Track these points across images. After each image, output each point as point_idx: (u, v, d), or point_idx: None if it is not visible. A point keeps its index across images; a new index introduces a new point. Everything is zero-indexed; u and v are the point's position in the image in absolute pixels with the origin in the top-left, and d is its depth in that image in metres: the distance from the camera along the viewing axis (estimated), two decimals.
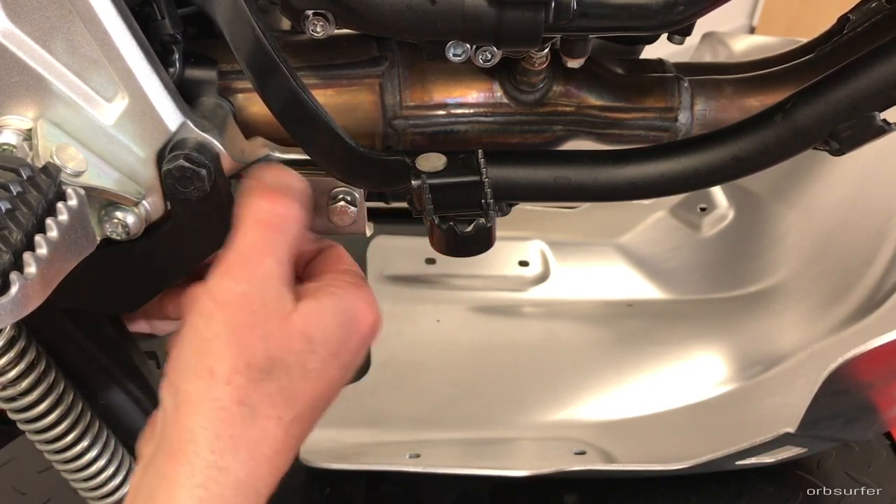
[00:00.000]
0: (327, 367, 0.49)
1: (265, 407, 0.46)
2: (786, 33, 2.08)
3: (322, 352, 0.49)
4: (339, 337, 0.50)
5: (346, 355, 0.51)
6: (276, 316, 0.48)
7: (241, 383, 0.46)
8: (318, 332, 0.49)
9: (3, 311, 0.38)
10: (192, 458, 0.44)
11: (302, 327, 0.48)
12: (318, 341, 0.49)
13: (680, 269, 1.11)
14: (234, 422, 0.45)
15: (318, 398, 0.49)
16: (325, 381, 0.49)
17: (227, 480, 0.44)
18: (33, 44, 0.46)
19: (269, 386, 0.47)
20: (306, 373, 0.48)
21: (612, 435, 0.92)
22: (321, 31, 0.49)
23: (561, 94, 0.59)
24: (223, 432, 0.45)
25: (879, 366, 0.73)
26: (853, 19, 0.61)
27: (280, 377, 0.47)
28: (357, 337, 0.51)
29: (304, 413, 0.48)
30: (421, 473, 0.85)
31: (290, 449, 0.48)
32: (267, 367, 0.47)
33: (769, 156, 0.54)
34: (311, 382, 0.49)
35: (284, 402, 0.47)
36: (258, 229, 0.49)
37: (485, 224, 0.51)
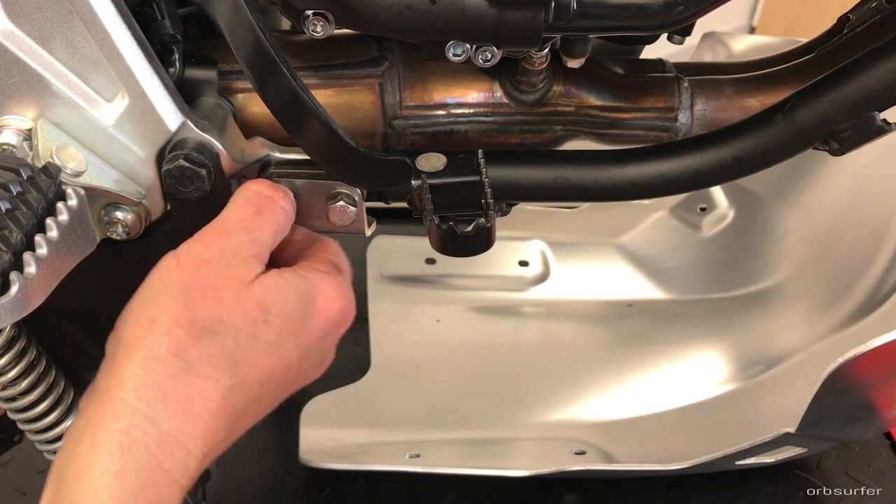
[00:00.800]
0: (282, 342, 0.48)
1: (202, 365, 0.45)
2: (786, 33, 2.09)
3: (277, 324, 0.48)
4: (299, 314, 0.49)
5: (306, 336, 0.49)
6: (235, 281, 0.47)
7: (180, 336, 0.45)
8: (276, 304, 0.48)
9: (4, 311, 0.38)
10: (117, 404, 0.43)
11: (260, 296, 0.47)
12: (275, 313, 0.48)
13: (680, 269, 1.11)
14: (167, 373, 0.44)
15: (268, 372, 0.48)
16: (279, 356, 0.48)
17: (152, 430, 0.43)
18: (33, 44, 0.46)
19: (211, 345, 0.45)
20: (256, 342, 0.47)
21: (612, 435, 0.92)
22: (321, 31, 0.49)
23: (561, 94, 0.59)
24: (153, 381, 0.44)
25: (879, 366, 0.73)
26: (853, 19, 0.61)
27: (225, 339, 0.46)
28: (320, 320, 0.50)
29: (248, 383, 0.47)
30: (421, 473, 0.85)
31: (229, 415, 0.46)
32: (212, 326, 0.46)
33: (769, 156, 0.54)
34: (260, 354, 0.47)
35: (226, 365, 0.46)
36: (244, 208, 0.50)
37: (485, 224, 0.51)
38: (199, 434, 0.44)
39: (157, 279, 0.47)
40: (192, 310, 0.46)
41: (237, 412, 0.47)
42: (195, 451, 0.44)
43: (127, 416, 0.43)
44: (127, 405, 0.43)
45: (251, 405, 0.48)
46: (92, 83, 0.48)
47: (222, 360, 0.46)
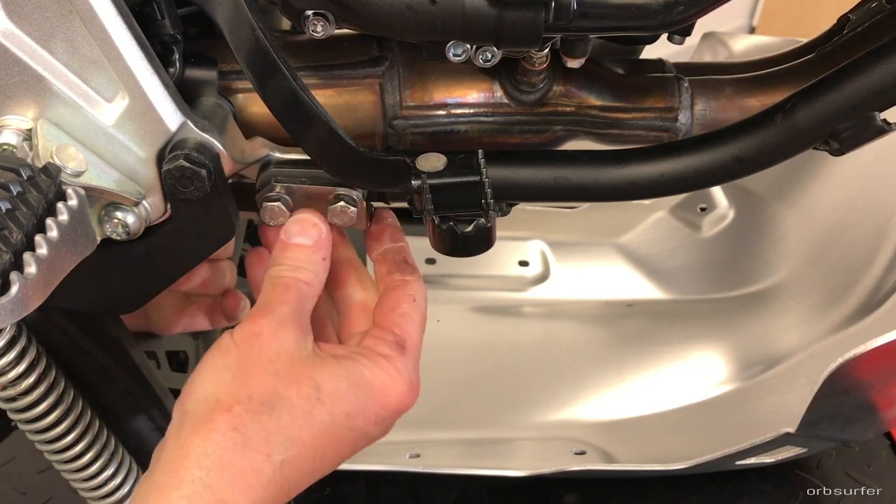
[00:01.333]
0: (336, 423, 0.50)
1: (258, 440, 0.48)
2: (786, 33, 2.08)
3: (330, 405, 0.50)
4: (353, 398, 0.50)
5: (362, 420, 0.51)
6: (287, 355, 0.50)
7: (239, 412, 0.48)
8: (329, 383, 0.50)
9: (4, 311, 0.38)
10: (181, 472, 0.46)
11: (311, 372, 0.50)
12: (327, 392, 0.50)
13: (680, 269, 1.11)
14: (226, 446, 0.47)
15: (319, 450, 0.50)
16: (333, 437, 0.50)
17: (210, 497, 0.46)
18: (33, 44, 0.46)
19: (268, 421, 0.48)
20: (311, 420, 0.49)
21: (612, 435, 0.92)
22: (321, 31, 0.49)
23: (561, 94, 0.59)
24: (213, 452, 0.47)
25: (879, 366, 0.73)
26: (853, 19, 0.61)
27: (282, 415, 0.48)
28: (377, 406, 0.51)
29: (299, 459, 0.49)
30: (421, 473, 0.85)
31: (280, 488, 0.48)
32: (270, 401, 0.49)
33: (769, 156, 0.54)
34: (315, 432, 0.49)
35: (280, 441, 0.48)
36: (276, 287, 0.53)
37: (485, 224, 0.51)
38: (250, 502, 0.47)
39: (217, 357, 0.51)
40: (250, 385, 0.49)
41: (287, 485, 0.49)
42: None
43: (188, 483, 0.46)
44: (189, 473, 0.46)
45: (302, 478, 0.50)
46: (92, 83, 0.48)
47: (277, 437, 0.48)
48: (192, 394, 0.50)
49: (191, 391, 0.50)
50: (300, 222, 0.55)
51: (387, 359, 0.52)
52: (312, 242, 0.55)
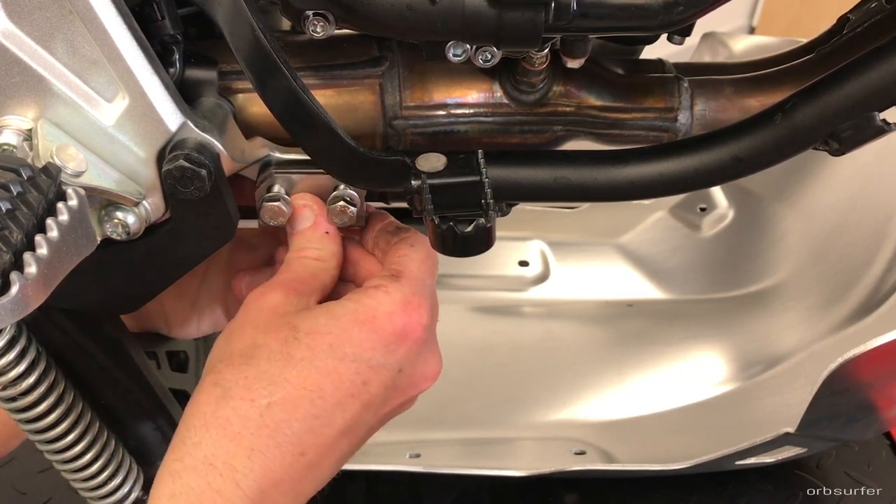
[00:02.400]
0: (319, 357, 0.48)
1: (238, 389, 0.48)
2: (786, 33, 2.09)
3: (308, 340, 0.49)
4: (334, 328, 0.49)
5: (351, 348, 0.49)
6: (270, 310, 0.51)
7: (220, 368, 0.49)
8: (306, 322, 0.50)
9: (4, 311, 0.38)
10: (177, 439, 0.48)
11: (291, 319, 0.50)
12: (305, 330, 0.49)
13: (680, 269, 1.11)
14: (209, 402, 0.48)
15: (313, 388, 0.48)
16: (321, 371, 0.48)
17: (198, 453, 0.46)
18: (33, 44, 0.45)
19: (247, 370, 0.48)
20: (290, 359, 0.48)
21: (612, 435, 0.92)
22: (321, 31, 0.49)
23: (561, 95, 0.59)
24: (198, 411, 0.48)
25: (879, 366, 0.73)
26: (853, 19, 0.61)
27: (260, 362, 0.48)
28: (365, 330, 0.50)
29: (290, 400, 0.47)
30: (421, 473, 0.85)
31: (275, 433, 0.47)
32: (248, 352, 0.49)
33: (769, 156, 0.54)
34: (298, 371, 0.48)
35: (262, 385, 0.47)
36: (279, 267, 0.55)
37: (485, 224, 0.51)
38: (244, 453, 0.46)
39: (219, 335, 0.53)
40: (231, 343, 0.50)
41: (289, 429, 0.47)
42: (244, 470, 0.46)
43: (179, 446, 0.47)
44: (180, 437, 0.47)
45: (307, 421, 0.48)
46: (92, 83, 0.48)
47: (258, 382, 0.48)
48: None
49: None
50: (294, 211, 0.56)
51: (376, 287, 0.52)
52: (311, 222, 0.56)
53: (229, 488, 0.45)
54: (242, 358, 0.49)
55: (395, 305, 0.51)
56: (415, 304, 0.51)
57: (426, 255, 0.55)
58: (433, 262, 0.55)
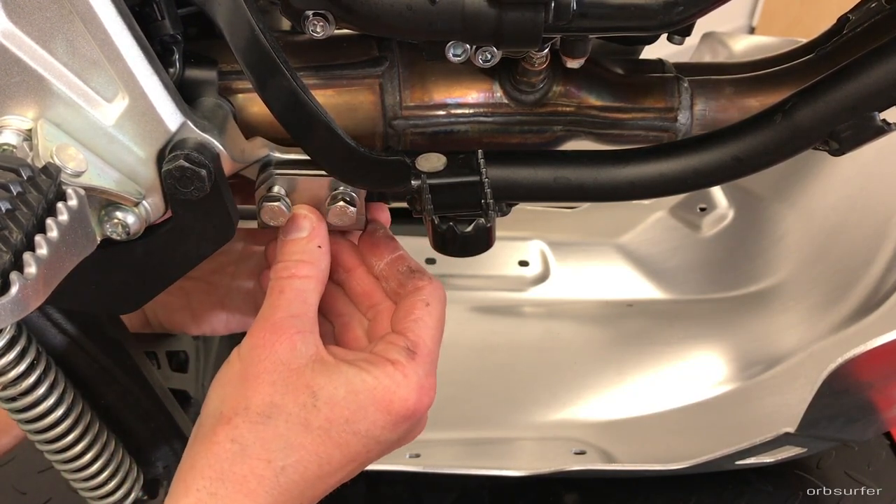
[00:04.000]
0: (335, 429, 0.50)
1: (256, 448, 0.49)
2: (786, 33, 2.09)
3: (327, 412, 0.50)
4: (353, 404, 0.51)
5: (366, 426, 0.51)
6: (285, 366, 0.51)
7: (237, 423, 0.50)
8: (325, 391, 0.51)
9: (4, 311, 0.38)
10: (189, 483, 0.49)
11: (308, 381, 0.51)
12: (324, 400, 0.50)
13: (680, 269, 1.11)
14: (226, 457, 0.50)
15: (324, 455, 0.50)
16: (336, 443, 0.51)
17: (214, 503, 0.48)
18: (33, 44, 0.45)
19: (264, 430, 0.50)
20: (308, 427, 0.50)
21: (612, 435, 0.92)
22: (321, 31, 0.49)
23: (561, 95, 0.59)
24: (215, 464, 0.49)
25: (879, 366, 0.73)
26: (853, 19, 0.61)
27: (278, 424, 0.50)
28: (380, 411, 0.51)
29: (303, 464, 0.50)
30: (421, 473, 0.85)
31: (286, 492, 0.49)
32: (266, 411, 0.50)
33: (769, 156, 0.54)
34: (314, 438, 0.50)
35: (278, 448, 0.50)
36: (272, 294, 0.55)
37: (485, 224, 0.51)
38: None
39: (223, 372, 0.54)
40: (248, 397, 0.51)
41: (297, 489, 0.50)
42: None
43: (194, 492, 0.49)
44: (195, 483, 0.49)
45: (313, 483, 0.51)
46: (92, 83, 0.47)
47: (275, 444, 0.50)
48: (204, 409, 0.53)
49: (203, 406, 0.53)
50: (292, 219, 0.56)
51: (394, 364, 0.52)
52: (306, 233, 0.56)
53: None
54: (260, 417, 0.50)
55: (411, 391, 0.52)
56: (427, 386, 0.53)
57: (438, 319, 0.56)
58: (443, 324, 0.57)
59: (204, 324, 0.71)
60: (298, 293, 0.54)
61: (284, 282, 0.55)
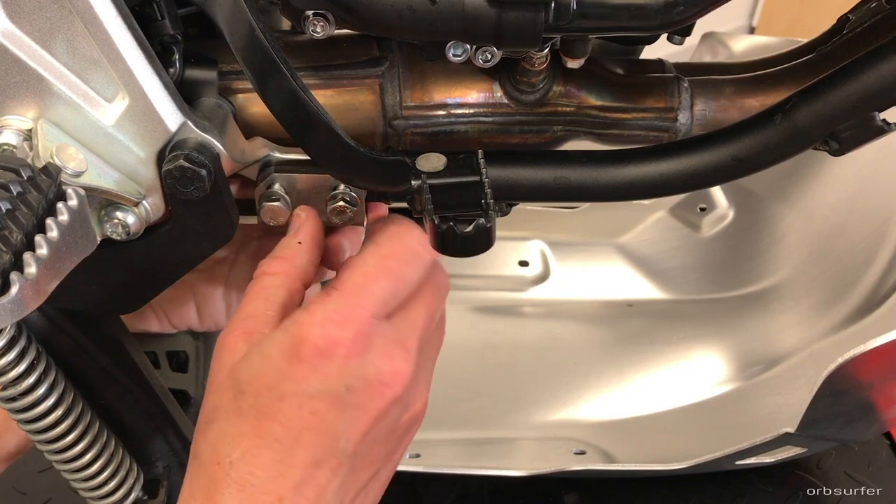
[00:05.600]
0: (262, 402, 0.48)
1: (207, 454, 0.49)
2: (786, 33, 2.09)
3: (251, 391, 0.48)
4: (268, 369, 0.48)
5: (292, 384, 0.48)
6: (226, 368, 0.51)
7: (196, 439, 0.50)
8: (245, 372, 0.49)
9: (4, 311, 0.38)
10: None
11: (234, 373, 0.50)
12: (245, 381, 0.49)
13: (680, 269, 1.11)
14: (190, 476, 0.49)
15: (266, 436, 0.47)
16: (267, 415, 0.48)
17: None
18: (33, 44, 0.46)
19: (211, 434, 0.49)
20: (241, 414, 0.49)
21: (612, 435, 0.92)
22: (321, 31, 0.49)
23: (561, 95, 0.59)
24: (186, 486, 0.49)
25: (879, 366, 0.73)
26: (853, 19, 0.61)
27: (220, 423, 0.49)
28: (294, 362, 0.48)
29: (250, 454, 0.47)
30: (421, 473, 0.85)
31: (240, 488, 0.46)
32: (210, 416, 0.50)
33: (769, 156, 0.54)
34: (249, 422, 0.48)
35: (224, 446, 0.48)
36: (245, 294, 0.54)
37: (485, 224, 0.51)
38: None
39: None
40: (202, 411, 0.51)
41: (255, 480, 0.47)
42: None
43: None
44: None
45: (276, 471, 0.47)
46: (92, 83, 0.48)
47: (220, 443, 0.48)
48: None
49: None
50: (291, 218, 0.56)
51: (304, 309, 0.50)
52: (293, 231, 0.55)
53: None
54: (207, 424, 0.50)
55: (315, 326, 0.48)
56: (336, 319, 0.49)
57: (373, 267, 0.51)
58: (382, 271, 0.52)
59: (208, 318, 0.71)
60: (261, 290, 0.52)
61: (254, 280, 0.54)
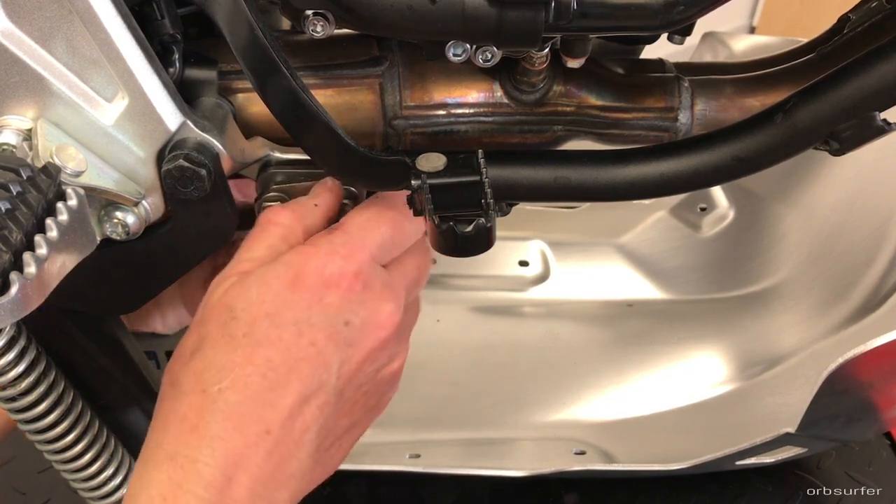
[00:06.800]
0: (261, 330, 0.47)
1: (190, 383, 0.47)
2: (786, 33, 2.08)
3: (246, 316, 0.48)
4: (268, 296, 0.48)
5: (289, 311, 0.48)
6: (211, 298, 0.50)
7: (173, 368, 0.48)
8: (239, 299, 0.48)
9: (3, 311, 0.38)
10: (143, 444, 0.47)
11: (225, 300, 0.49)
12: (240, 308, 0.48)
13: (680, 269, 1.11)
14: (165, 401, 0.47)
15: (261, 364, 0.47)
16: (264, 344, 0.47)
17: (161, 453, 0.45)
18: (33, 44, 0.46)
19: (196, 363, 0.47)
20: (232, 341, 0.47)
21: (612, 435, 0.92)
22: (321, 31, 0.49)
23: (561, 94, 0.59)
24: (159, 413, 0.47)
25: (879, 366, 0.73)
26: (853, 19, 0.61)
27: (206, 352, 0.47)
28: (299, 289, 0.48)
29: (241, 382, 0.46)
30: (421, 473, 0.85)
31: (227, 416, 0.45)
32: (195, 346, 0.48)
33: (769, 156, 0.54)
34: (243, 350, 0.47)
35: (212, 374, 0.46)
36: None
37: (485, 224, 0.51)
38: (205, 443, 0.45)
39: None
40: (184, 341, 0.49)
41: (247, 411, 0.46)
42: (205, 459, 0.44)
43: (145, 450, 0.46)
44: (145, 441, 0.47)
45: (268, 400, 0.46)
46: (92, 83, 0.48)
47: (207, 372, 0.47)
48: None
49: None
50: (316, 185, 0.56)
51: (307, 243, 0.51)
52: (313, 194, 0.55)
53: (191, 479, 0.44)
54: (190, 354, 0.48)
55: (321, 257, 0.49)
56: (342, 252, 0.50)
57: (375, 213, 0.53)
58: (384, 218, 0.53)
59: (171, 319, 0.70)
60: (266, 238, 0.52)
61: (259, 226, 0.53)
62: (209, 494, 0.44)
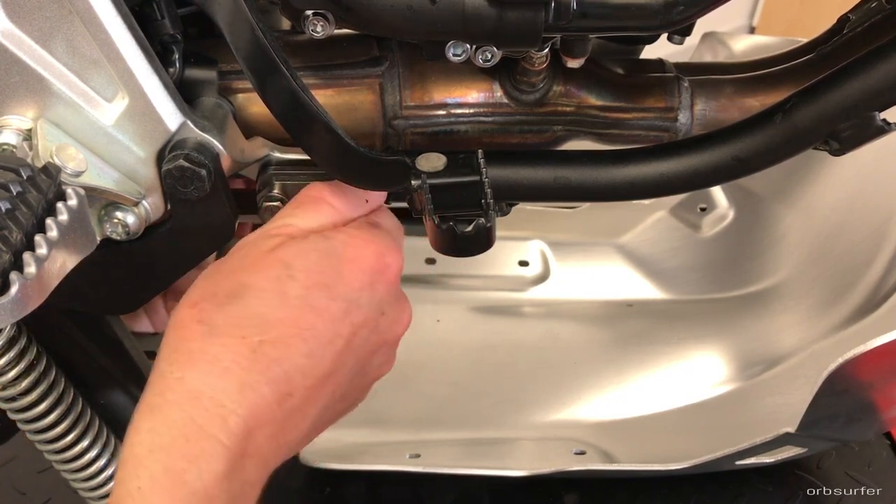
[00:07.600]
0: (314, 296, 0.48)
1: (227, 327, 0.46)
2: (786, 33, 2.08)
3: (303, 278, 0.48)
4: (325, 267, 0.49)
5: (344, 287, 0.49)
6: (257, 250, 0.49)
7: (204, 307, 0.47)
8: (298, 259, 0.49)
9: (3, 311, 0.38)
10: (154, 373, 0.45)
11: (280, 255, 0.49)
12: (299, 268, 0.48)
13: (680, 269, 1.11)
14: (193, 338, 0.45)
15: (306, 327, 0.47)
16: (316, 310, 0.48)
17: (181, 388, 0.44)
18: (33, 44, 0.46)
19: (235, 309, 0.46)
20: (285, 298, 0.47)
21: (612, 435, 0.92)
22: (321, 31, 0.49)
23: (561, 94, 0.59)
24: (181, 347, 0.45)
25: (879, 366, 0.73)
26: (853, 19, 0.61)
27: (249, 302, 0.47)
28: (354, 269, 0.50)
29: (284, 339, 0.46)
30: (421, 473, 0.85)
31: (263, 369, 0.45)
32: (235, 291, 0.47)
33: (769, 156, 0.54)
34: (293, 309, 0.47)
35: (253, 324, 0.46)
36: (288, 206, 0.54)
37: (485, 224, 0.51)
38: (233, 388, 0.44)
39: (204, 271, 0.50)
40: (216, 282, 0.48)
41: (281, 370, 0.45)
42: (232, 405, 0.43)
43: (159, 380, 0.44)
44: (159, 371, 0.45)
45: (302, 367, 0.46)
46: (92, 83, 0.48)
47: (248, 321, 0.46)
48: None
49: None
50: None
51: (358, 229, 0.52)
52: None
53: (215, 423, 0.43)
54: (229, 297, 0.47)
55: (379, 246, 0.52)
56: (393, 247, 0.53)
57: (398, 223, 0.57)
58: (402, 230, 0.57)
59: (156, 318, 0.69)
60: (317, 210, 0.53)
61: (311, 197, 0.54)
62: (231, 443, 0.43)
